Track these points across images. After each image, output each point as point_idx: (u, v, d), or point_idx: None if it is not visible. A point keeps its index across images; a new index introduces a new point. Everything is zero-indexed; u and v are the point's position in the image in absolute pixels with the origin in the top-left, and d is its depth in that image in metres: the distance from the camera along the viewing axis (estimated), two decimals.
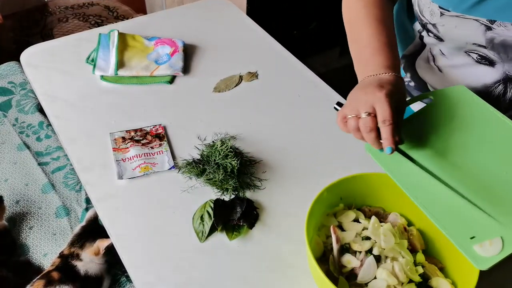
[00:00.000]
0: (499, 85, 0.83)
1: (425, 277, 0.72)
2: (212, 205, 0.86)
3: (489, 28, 0.74)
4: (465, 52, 0.82)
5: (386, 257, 0.72)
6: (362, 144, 0.72)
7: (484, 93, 0.84)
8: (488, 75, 0.83)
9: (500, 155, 0.66)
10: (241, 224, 0.84)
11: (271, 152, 0.98)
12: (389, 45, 0.76)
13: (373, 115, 0.65)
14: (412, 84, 0.97)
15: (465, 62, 0.83)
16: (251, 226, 0.84)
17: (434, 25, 0.80)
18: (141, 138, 0.99)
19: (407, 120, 0.71)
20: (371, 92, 0.66)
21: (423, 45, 0.91)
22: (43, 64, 1.17)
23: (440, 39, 0.82)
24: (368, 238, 0.73)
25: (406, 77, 0.97)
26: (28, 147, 1.33)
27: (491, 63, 0.80)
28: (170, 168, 0.93)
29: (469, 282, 0.65)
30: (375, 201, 0.82)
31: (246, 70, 1.18)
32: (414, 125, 0.71)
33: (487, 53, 0.79)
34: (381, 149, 0.65)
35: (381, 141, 0.65)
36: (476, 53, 0.80)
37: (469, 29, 0.76)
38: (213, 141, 0.98)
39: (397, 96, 0.67)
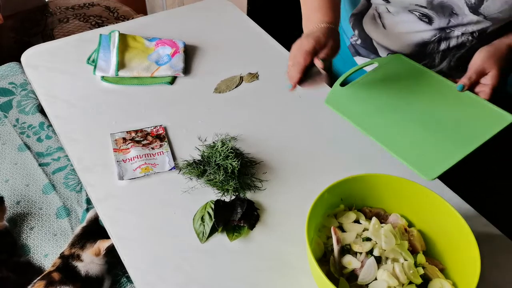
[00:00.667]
0: (435, 39, 0.96)
1: (426, 278, 0.72)
2: (212, 205, 0.86)
3: None
4: (409, 11, 0.93)
5: (387, 258, 0.72)
6: (362, 145, 0.75)
7: (422, 45, 0.98)
8: (426, 30, 0.95)
9: (435, 99, 0.89)
10: (242, 224, 0.84)
11: (271, 153, 0.98)
12: (328, 3, 0.91)
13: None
14: (359, 42, 1.10)
15: (409, 19, 0.95)
16: (251, 227, 0.84)
17: None
18: (141, 139, 0.99)
19: (362, 80, 0.95)
20: (298, 42, 0.85)
21: (369, 5, 1.02)
22: (44, 64, 1.17)
23: (387, 0, 0.93)
24: (368, 239, 0.73)
25: (354, 35, 1.10)
26: (29, 148, 1.33)
27: (430, 20, 0.93)
28: (170, 169, 0.93)
29: (469, 283, 0.65)
30: (376, 202, 0.82)
31: (246, 71, 1.18)
32: (365, 84, 0.93)
33: (427, 12, 0.91)
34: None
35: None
36: (418, 12, 0.92)
37: None
38: (213, 142, 0.98)
39: (322, 40, 0.84)
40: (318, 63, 0.83)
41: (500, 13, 0.83)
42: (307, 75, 0.84)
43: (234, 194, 0.89)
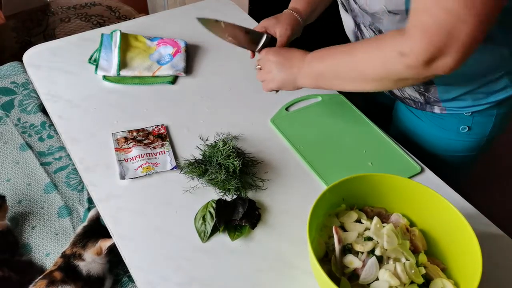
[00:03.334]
0: (357, 30, 0.94)
1: (427, 278, 0.72)
2: (214, 205, 0.86)
3: None
4: None
5: (389, 258, 0.71)
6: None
7: (355, 39, 0.97)
8: (349, 22, 0.95)
9: (358, 139, 1.02)
10: (243, 224, 0.84)
11: (273, 153, 0.98)
12: None
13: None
14: None
15: (340, 7, 0.96)
16: (253, 226, 0.84)
17: None
18: (143, 138, 0.99)
19: (305, 109, 1.09)
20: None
21: None
22: (46, 64, 1.17)
23: None
24: (370, 239, 0.73)
25: None
26: (31, 147, 1.34)
27: (347, 10, 0.92)
28: (172, 168, 0.93)
29: (471, 283, 0.65)
30: (377, 202, 0.82)
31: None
32: (306, 113, 1.08)
33: None
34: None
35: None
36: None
37: None
38: (215, 141, 0.98)
39: (280, 22, 0.99)
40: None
41: (366, 4, 0.81)
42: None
43: (236, 193, 0.89)
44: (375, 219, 0.76)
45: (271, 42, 0.99)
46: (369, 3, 0.80)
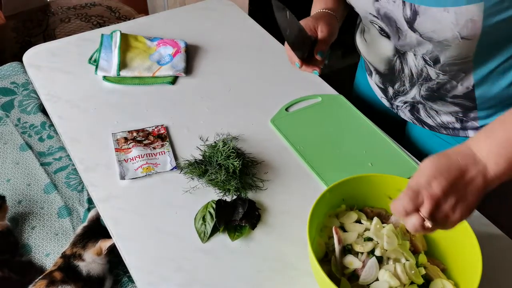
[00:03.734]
0: (396, 58, 0.91)
1: (427, 279, 0.72)
2: (214, 205, 0.86)
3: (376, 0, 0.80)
4: (370, 22, 0.88)
5: (388, 258, 0.71)
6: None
7: (388, 63, 0.94)
8: (388, 48, 0.90)
9: (357, 139, 1.02)
10: (243, 224, 0.84)
11: (273, 153, 0.98)
12: None
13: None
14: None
15: (375, 33, 0.91)
16: (253, 226, 0.85)
17: None
18: (143, 139, 0.99)
19: (305, 109, 1.08)
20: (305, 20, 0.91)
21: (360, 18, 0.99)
22: (46, 64, 1.17)
23: (353, 9, 0.90)
24: (370, 239, 0.73)
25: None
26: (31, 147, 1.34)
27: (387, 35, 0.88)
28: (172, 169, 0.93)
29: (471, 283, 0.65)
30: (377, 202, 0.82)
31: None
32: (306, 113, 1.08)
33: (381, 24, 0.85)
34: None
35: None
36: (377, 25, 0.87)
37: None
38: (215, 142, 0.98)
39: (310, 21, 0.90)
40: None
41: (433, 32, 0.75)
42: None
43: (236, 194, 0.89)
44: (375, 219, 0.76)
45: (313, 45, 0.89)
46: (438, 31, 0.74)
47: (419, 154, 1.00)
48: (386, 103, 1.06)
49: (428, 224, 0.57)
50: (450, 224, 0.59)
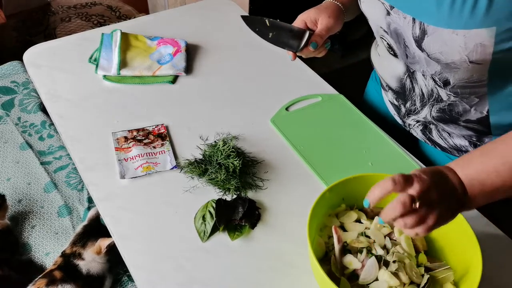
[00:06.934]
0: (406, 77, 0.88)
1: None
2: (214, 205, 0.86)
3: (388, 13, 0.78)
4: (380, 37, 0.87)
5: (392, 256, 0.71)
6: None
7: (399, 81, 0.91)
8: (398, 67, 0.88)
9: (357, 138, 1.02)
10: (243, 224, 0.84)
11: (273, 152, 0.98)
12: None
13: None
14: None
15: (383, 49, 0.90)
16: (253, 226, 0.84)
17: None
18: (143, 138, 0.99)
19: (304, 109, 1.09)
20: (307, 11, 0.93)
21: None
22: (46, 63, 1.17)
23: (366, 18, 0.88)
24: (367, 237, 0.73)
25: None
26: (31, 146, 1.34)
27: (394, 52, 0.86)
28: (172, 168, 0.93)
29: (471, 283, 0.65)
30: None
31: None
32: (306, 113, 1.08)
33: (390, 40, 0.84)
34: None
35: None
36: (385, 40, 0.86)
37: (375, 8, 0.80)
38: (215, 141, 0.98)
39: (313, 13, 0.91)
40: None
41: (441, 54, 0.72)
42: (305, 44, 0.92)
43: (236, 193, 0.89)
44: (376, 219, 0.77)
45: (310, 36, 0.92)
46: (445, 53, 0.72)
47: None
48: (398, 120, 1.03)
49: (416, 205, 0.60)
50: (431, 218, 0.61)
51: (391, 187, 0.60)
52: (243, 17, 0.92)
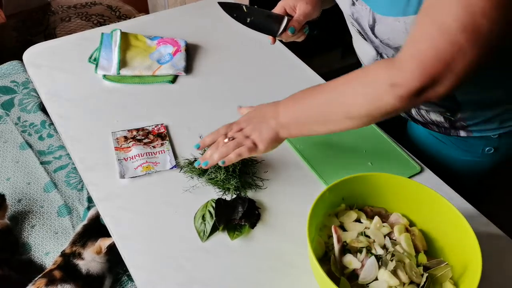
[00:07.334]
0: (378, 58, 0.90)
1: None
2: (213, 204, 0.86)
3: (353, 3, 0.82)
4: (351, 24, 0.90)
5: (390, 258, 0.71)
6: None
7: None
8: (369, 50, 0.91)
9: (358, 139, 1.01)
10: (243, 223, 0.84)
11: (272, 152, 0.98)
12: None
13: None
14: None
15: (356, 34, 0.92)
16: (252, 226, 0.84)
17: None
18: (143, 138, 0.99)
19: None
20: None
21: None
22: (46, 63, 1.17)
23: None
24: (367, 236, 0.73)
25: None
26: (31, 146, 1.34)
27: (365, 38, 0.88)
28: (171, 168, 0.93)
29: (471, 282, 0.65)
30: (377, 202, 0.82)
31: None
32: None
33: (357, 27, 0.87)
34: None
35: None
36: (355, 27, 0.88)
37: None
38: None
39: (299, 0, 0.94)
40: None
41: (389, 40, 0.78)
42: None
43: (235, 193, 0.89)
44: (376, 218, 0.76)
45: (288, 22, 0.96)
46: (392, 39, 0.77)
47: (419, 153, 1.01)
48: None
49: (226, 140, 0.83)
50: (247, 142, 0.82)
51: (217, 134, 0.85)
52: (220, 3, 0.96)
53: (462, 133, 0.94)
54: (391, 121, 1.07)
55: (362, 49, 0.94)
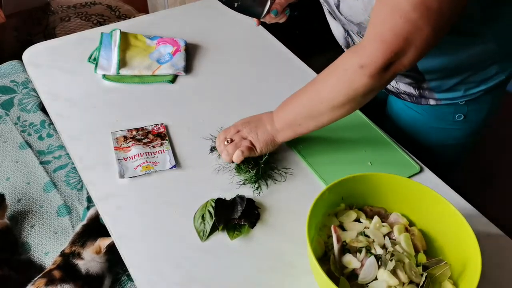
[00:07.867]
0: (348, 36, 0.96)
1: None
2: (213, 204, 0.86)
3: None
4: (322, 4, 0.95)
5: (390, 258, 0.71)
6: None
7: (346, 43, 0.99)
8: (339, 28, 0.97)
9: (358, 139, 1.02)
10: (242, 223, 0.84)
11: (272, 152, 0.98)
12: None
13: None
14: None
15: (328, 15, 0.98)
16: (252, 225, 0.84)
17: None
18: (142, 137, 0.99)
19: None
20: None
21: None
22: (45, 63, 1.17)
23: None
24: (366, 236, 0.73)
25: None
26: (30, 146, 1.34)
27: (334, 17, 0.94)
28: (171, 167, 0.93)
29: (470, 282, 0.65)
30: (377, 201, 0.82)
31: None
32: None
33: (327, 7, 0.93)
34: None
35: None
36: (325, 6, 0.95)
37: None
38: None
39: None
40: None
41: (351, 16, 0.84)
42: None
43: (255, 185, 0.90)
44: (376, 218, 0.76)
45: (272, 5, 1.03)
46: (353, 15, 0.84)
47: (399, 127, 1.08)
48: None
49: (226, 142, 0.91)
50: (245, 142, 0.90)
51: (218, 141, 0.94)
52: None
53: (432, 102, 0.99)
54: (372, 102, 1.10)
55: (334, 28, 1.00)
